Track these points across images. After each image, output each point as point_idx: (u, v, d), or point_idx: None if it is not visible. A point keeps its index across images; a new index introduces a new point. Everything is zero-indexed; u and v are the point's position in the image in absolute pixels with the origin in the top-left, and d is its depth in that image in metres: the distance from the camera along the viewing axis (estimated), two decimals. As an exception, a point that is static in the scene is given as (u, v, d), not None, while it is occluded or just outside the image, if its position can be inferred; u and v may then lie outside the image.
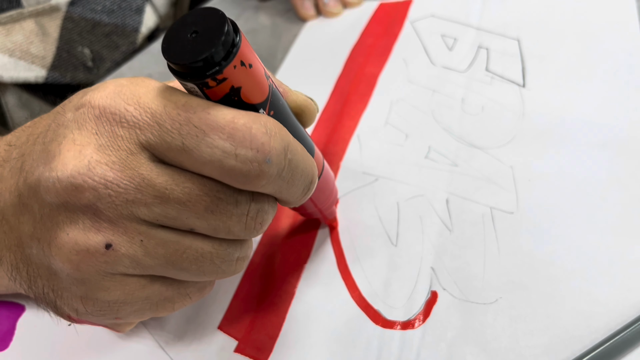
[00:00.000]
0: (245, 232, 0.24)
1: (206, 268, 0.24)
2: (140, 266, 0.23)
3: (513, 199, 0.35)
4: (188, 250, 0.24)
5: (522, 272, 0.32)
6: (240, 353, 0.31)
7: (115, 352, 0.32)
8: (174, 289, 0.25)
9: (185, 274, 0.24)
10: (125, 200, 0.22)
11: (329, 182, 0.31)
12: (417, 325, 0.31)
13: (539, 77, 0.42)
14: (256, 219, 0.24)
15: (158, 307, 0.26)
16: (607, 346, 0.28)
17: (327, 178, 0.31)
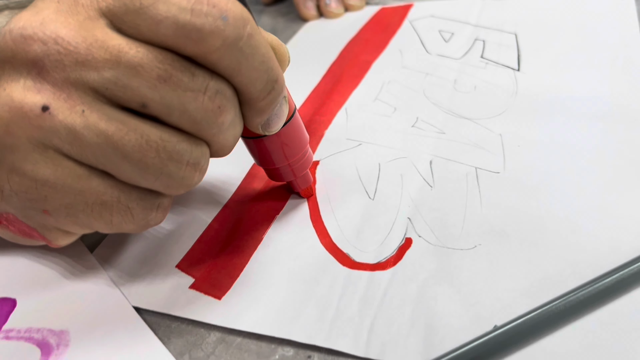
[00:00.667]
0: (203, 114, 0.22)
1: (150, 161, 0.22)
2: (77, 144, 0.21)
3: (500, 160, 0.33)
4: (132, 133, 0.22)
5: (504, 222, 0.29)
6: (196, 289, 0.29)
7: (68, 291, 0.30)
8: (113, 193, 0.23)
9: (125, 166, 0.22)
10: (74, 61, 0.21)
11: (299, 130, 0.30)
12: (387, 267, 0.28)
13: (535, 62, 0.42)
14: (214, 100, 0.22)
15: (93, 211, 0.23)
16: (592, 289, 0.25)
17: (297, 126, 0.29)
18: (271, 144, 0.29)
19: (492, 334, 0.24)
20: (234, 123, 0.24)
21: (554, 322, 0.24)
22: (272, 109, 0.25)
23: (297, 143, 0.30)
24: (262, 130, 0.26)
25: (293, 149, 0.30)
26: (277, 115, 0.26)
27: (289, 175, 0.31)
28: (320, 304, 0.27)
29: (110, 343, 0.27)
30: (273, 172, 0.31)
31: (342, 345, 0.25)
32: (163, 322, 0.28)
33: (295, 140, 0.29)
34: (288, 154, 0.30)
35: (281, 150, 0.29)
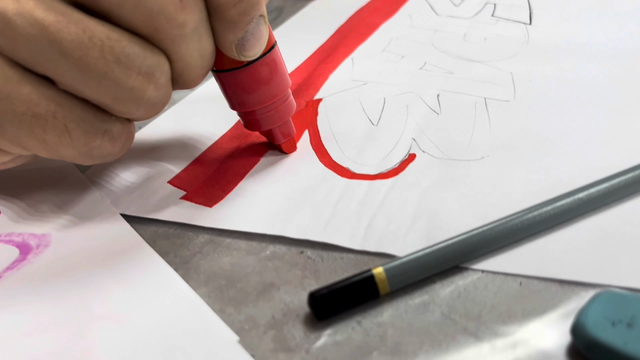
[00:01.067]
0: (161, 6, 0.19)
1: (92, 61, 0.19)
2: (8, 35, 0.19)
3: (510, 92, 0.32)
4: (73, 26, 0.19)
5: (514, 139, 0.28)
6: (187, 200, 0.27)
7: (53, 199, 0.28)
8: (49, 106, 0.20)
9: (63, 67, 0.19)
10: None
11: (279, 66, 0.26)
12: (389, 177, 0.27)
13: (547, 17, 0.41)
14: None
15: (22, 124, 0.20)
16: (607, 185, 0.23)
17: (278, 61, 0.26)
18: (248, 78, 0.25)
19: (501, 221, 0.22)
20: (200, 33, 0.21)
21: (564, 215, 0.22)
22: (245, 22, 0.22)
23: (277, 81, 0.26)
24: (237, 53, 0.23)
25: (273, 87, 0.26)
26: (254, 35, 0.22)
27: (267, 121, 0.27)
28: (316, 207, 0.25)
29: (93, 242, 0.25)
30: (249, 118, 0.27)
31: (337, 239, 0.23)
32: (150, 227, 0.26)
33: (275, 77, 0.26)
34: (267, 93, 0.26)
35: (259, 87, 0.25)
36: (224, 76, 0.25)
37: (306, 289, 0.21)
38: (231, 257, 0.24)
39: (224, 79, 0.25)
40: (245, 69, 0.24)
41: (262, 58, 0.25)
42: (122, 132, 0.23)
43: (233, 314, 0.21)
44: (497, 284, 0.20)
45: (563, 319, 0.19)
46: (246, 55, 0.23)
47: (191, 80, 0.23)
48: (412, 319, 0.20)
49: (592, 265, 0.20)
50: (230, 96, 0.26)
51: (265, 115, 0.27)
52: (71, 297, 0.22)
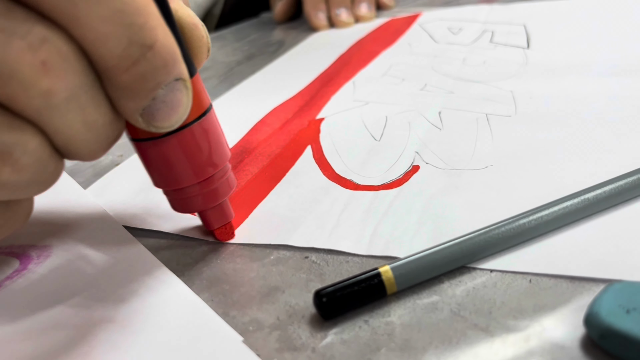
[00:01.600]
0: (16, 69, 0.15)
1: None
2: None
3: (511, 108, 0.32)
4: None
5: (517, 149, 0.28)
6: (187, 212, 0.27)
7: (55, 213, 0.28)
8: None
9: None
10: None
11: (211, 135, 0.21)
12: (393, 187, 0.27)
13: (545, 42, 0.41)
14: (37, 52, 0.15)
15: None
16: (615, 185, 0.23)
17: (210, 129, 0.21)
18: (170, 150, 0.20)
19: (509, 221, 0.21)
20: (80, 102, 0.16)
21: (573, 215, 0.22)
22: (147, 89, 0.17)
23: (209, 154, 0.21)
24: (145, 123, 0.18)
25: (203, 162, 0.21)
26: (166, 103, 0.18)
27: (196, 203, 0.22)
28: (320, 217, 0.25)
29: (95, 252, 0.25)
30: (176, 197, 0.22)
31: (342, 246, 0.23)
32: (152, 239, 0.26)
33: (206, 150, 0.21)
34: (195, 169, 0.21)
35: (185, 162, 0.21)
36: (140, 146, 0.20)
37: (311, 291, 0.21)
38: (234, 264, 0.23)
39: (141, 149, 0.20)
40: (165, 140, 0.20)
41: (188, 127, 0.20)
42: None
43: (237, 316, 0.20)
44: (506, 282, 0.20)
45: (575, 313, 0.18)
46: (158, 127, 0.18)
47: (85, 154, 0.18)
48: (421, 316, 0.19)
49: (602, 261, 0.20)
50: (151, 171, 0.21)
51: (194, 195, 0.22)
52: (71, 302, 0.22)
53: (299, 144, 0.32)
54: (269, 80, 0.43)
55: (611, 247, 0.20)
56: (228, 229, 0.24)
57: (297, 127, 0.34)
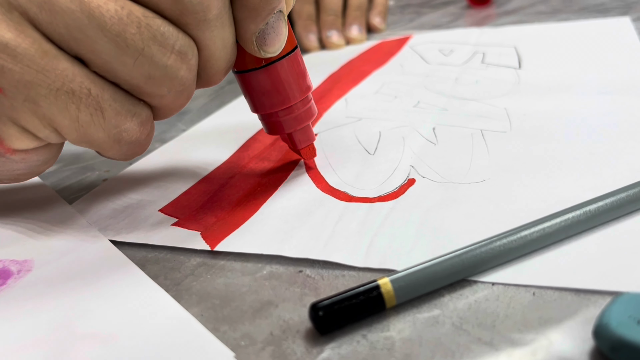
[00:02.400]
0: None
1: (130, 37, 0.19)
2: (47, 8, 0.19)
3: (506, 124, 0.32)
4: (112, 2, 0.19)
5: (514, 163, 0.27)
6: (179, 226, 0.26)
7: (38, 226, 0.27)
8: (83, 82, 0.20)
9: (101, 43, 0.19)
10: None
11: (301, 66, 0.26)
12: (388, 200, 0.26)
13: (536, 62, 0.41)
14: None
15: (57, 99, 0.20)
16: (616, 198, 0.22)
17: (299, 62, 0.26)
18: (268, 78, 0.25)
19: (511, 233, 0.21)
20: (223, 20, 0.21)
21: (575, 227, 0.21)
22: (267, 11, 0.22)
23: (298, 83, 0.26)
24: (257, 47, 0.23)
25: (293, 89, 0.26)
26: (274, 29, 0.22)
27: (287, 125, 0.27)
28: (315, 228, 0.24)
29: (78, 266, 0.24)
30: (270, 120, 0.27)
31: (338, 257, 0.22)
32: (139, 252, 0.25)
33: (296, 79, 0.26)
34: (289, 94, 0.26)
35: (281, 88, 0.25)
36: (245, 77, 0.25)
37: (306, 305, 0.20)
38: (225, 278, 0.22)
39: (245, 80, 0.25)
40: (266, 69, 0.24)
41: (283, 59, 0.25)
42: (149, 119, 0.23)
43: (228, 331, 0.19)
44: (509, 295, 0.19)
45: (582, 325, 0.18)
46: (266, 51, 0.23)
47: (214, 73, 0.23)
48: (422, 330, 0.18)
49: (608, 273, 0.19)
50: (251, 98, 0.26)
51: (285, 118, 0.26)
52: (52, 318, 0.20)
53: (291, 158, 0.31)
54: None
55: (616, 259, 0.20)
56: (311, 148, 0.29)
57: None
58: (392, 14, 0.67)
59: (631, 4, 0.54)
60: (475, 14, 0.61)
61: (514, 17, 0.56)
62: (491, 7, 0.62)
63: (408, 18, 0.64)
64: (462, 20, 0.59)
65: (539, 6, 0.60)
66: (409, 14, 0.66)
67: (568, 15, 0.53)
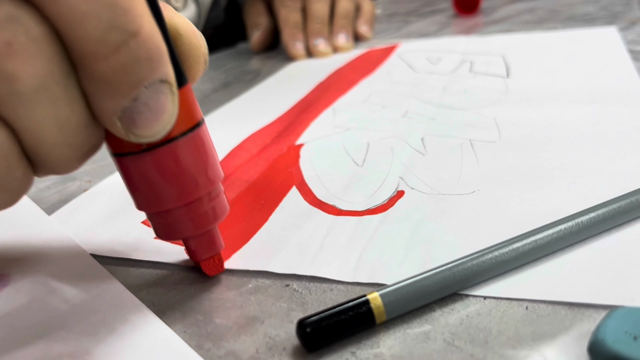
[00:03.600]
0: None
1: None
2: None
3: (495, 134, 0.32)
4: None
5: (504, 174, 0.27)
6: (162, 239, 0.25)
7: (15, 239, 0.26)
8: None
9: None
10: None
11: (201, 152, 0.19)
12: (377, 212, 0.25)
13: (524, 71, 0.41)
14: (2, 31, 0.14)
15: None
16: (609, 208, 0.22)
17: (200, 146, 0.19)
18: (153, 166, 0.18)
19: (505, 244, 0.20)
20: (52, 94, 0.15)
21: (568, 238, 0.21)
22: (129, 85, 0.15)
23: (198, 173, 0.19)
24: (124, 130, 0.16)
25: (191, 181, 0.19)
26: (149, 106, 0.16)
27: (182, 228, 0.20)
28: (302, 242, 0.24)
29: (57, 281, 0.23)
30: (158, 222, 0.20)
31: (326, 272, 0.21)
32: (120, 267, 0.24)
33: (195, 168, 0.19)
34: (184, 186, 0.19)
35: (172, 178, 0.18)
36: (122, 162, 0.19)
37: (293, 321, 0.19)
38: (209, 293, 0.22)
39: (123, 166, 0.19)
40: (149, 154, 0.18)
41: (175, 141, 0.18)
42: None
43: (212, 349, 0.19)
44: (501, 310, 0.19)
45: (577, 341, 0.17)
46: (139, 135, 0.16)
47: (56, 161, 0.16)
48: (412, 347, 0.18)
49: (602, 286, 0.19)
50: (132, 190, 0.19)
51: (180, 220, 0.20)
52: (29, 336, 0.20)
53: (278, 169, 0.30)
54: (246, 107, 0.42)
55: (610, 272, 0.19)
56: (217, 261, 0.22)
57: (275, 153, 0.33)
58: (379, 22, 0.67)
59: (617, 13, 0.54)
60: (462, 23, 0.61)
61: (501, 26, 0.56)
62: (478, 15, 0.63)
63: (395, 26, 0.64)
64: (449, 28, 0.59)
65: (525, 15, 0.60)
66: (396, 23, 0.66)
67: (555, 25, 0.53)
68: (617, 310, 0.16)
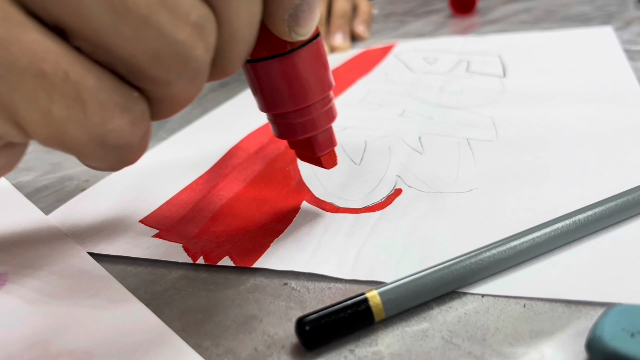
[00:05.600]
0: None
1: None
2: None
3: (492, 133, 0.32)
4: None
5: (501, 173, 0.27)
6: (160, 238, 0.26)
7: (12, 237, 0.26)
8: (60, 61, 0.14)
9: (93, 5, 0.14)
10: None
11: (324, 57, 0.21)
12: (375, 210, 0.25)
13: (520, 71, 0.41)
14: None
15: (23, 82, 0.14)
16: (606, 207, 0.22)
17: (323, 51, 0.21)
18: (291, 68, 0.20)
19: (502, 243, 0.20)
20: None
21: (566, 236, 0.21)
22: None
23: (323, 75, 0.21)
24: (289, 27, 0.18)
25: (318, 83, 0.21)
26: (309, 4, 0.18)
27: (307, 127, 0.22)
28: (300, 239, 0.24)
29: (54, 280, 0.23)
30: (285, 122, 0.22)
31: (324, 270, 0.21)
32: (118, 265, 0.24)
33: (320, 70, 0.21)
34: (312, 89, 0.21)
35: (303, 81, 0.20)
36: (258, 67, 0.20)
37: (291, 319, 0.19)
38: (207, 291, 0.22)
39: (258, 70, 0.20)
40: (287, 58, 0.20)
41: (307, 45, 0.20)
42: (144, 116, 0.16)
43: (210, 347, 0.19)
44: (499, 307, 0.19)
45: (574, 338, 0.17)
46: (298, 33, 0.18)
47: (233, 58, 0.17)
48: (411, 345, 0.18)
49: (599, 284, 0.19)
50: (263, 93, 0.21)
51: (306, 119, 0.21)
52: (27, 334, 0.20)
53: (275, 168, 0.30)
54: (243, 106, 0.42)
55: (607, 269, 0.19)
56: (333, 155, 0.24)
57: (273, 152, 0.33)
58: (376, 22, 0.67)
59: (612, 13, 0.54)
60: (458, 23, 0.61)
61: (497, 26, 0.57)
62: (474, 16, 0.63)
63: (392, 26, 0.64)
64: (446, 28, 0.59)
65: (521, 15, 0.60)
66: (392, 23, 0.66)
67: (551, 25, 0.54)
68: (614, 308, 0.17)
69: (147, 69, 0.15)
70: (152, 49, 0.14)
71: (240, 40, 0.16)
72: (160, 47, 0.15)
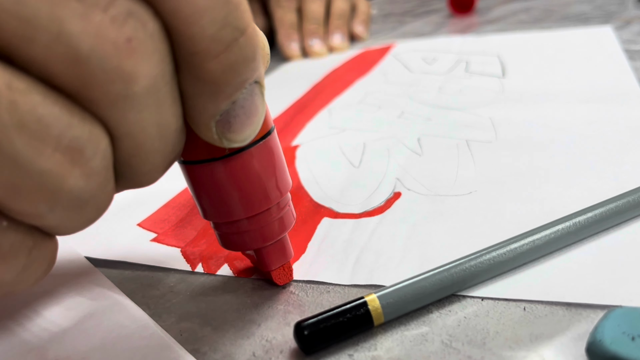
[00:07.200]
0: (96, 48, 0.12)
1: None
2: None
3: (491, 134, 0.32)
4: None
5: (501, 175, 0.27)
6: (158, 242, 0.25)
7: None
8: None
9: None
10: None
11: (276, 158, 0.18)
12: (374, 215, 0.25)
13: (519, 71, 0.41)
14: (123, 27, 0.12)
15: None
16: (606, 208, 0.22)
17: (275, 152, 0.18)
18: (231, 174, 0.17)
19: (502, 245, 0.20)
20: (159, 96, 0.13)
21: (566, 238, 0.21)
22: (234, 86, 0.14)
23: (274, 181, 0.18)
24: (218, 134, 0.15)
25: (267, 189, 0.18)
26: (244, 109, 0.15)
27: (254, 238, 0.19)
28: (298, 247, 0.24)
29: (51, 284, 0.23)
30: (229, 232, 0.19)
31: (323, 277, 0.21)
32: (116, 270, 0.24)
33: (271, 176, 0.18)
34: (259, 196, 0.18)
35: (248, 187, 0.18)
36: (194, 170, 0.17)
37: (290, 324, 0.19)
38: (205, 296, 0.22)
39: (194, 173, 0.18)
40: (228, 161, 0.17)
41: (254, 146, 0.17)
42: (20, 248, 0.13)
43: (208, 352, 0.19)
44: (499, 311, 0.19)
45: (574, 341, 0.17)
46: (232, 139, 0.15)
47: (144, 173, 0.15)
48: (410, 349, 0.18)
49: (599, 287, 0.19)
50: (201, 199, 0.18)
51: (252, 229, 0.19)
52: (22, 338, 0.19)
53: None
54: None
55: (607, 272, 0.19)
56: (286, 269, 0.21)
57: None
58: (375, 22, 0.67)
59: (612, 13, 0.54)
60: (457, 23, 0.61)
61: (496, 26, 0.56)
62: (473, 15, 0.63)
63: (390, 27, 0.64)
64: (445, 28, 0.59)
65: (520, 15, 0.60)
66: (391, 23, 0.66)
67: (550, 24, 0.53)
68: (615, 311, 0.16)
69: (7, 202, 0.12)
70: (6, 181, 0.12)
71: (150, 152, 0.14)
72: (17, 179, 0.12)
